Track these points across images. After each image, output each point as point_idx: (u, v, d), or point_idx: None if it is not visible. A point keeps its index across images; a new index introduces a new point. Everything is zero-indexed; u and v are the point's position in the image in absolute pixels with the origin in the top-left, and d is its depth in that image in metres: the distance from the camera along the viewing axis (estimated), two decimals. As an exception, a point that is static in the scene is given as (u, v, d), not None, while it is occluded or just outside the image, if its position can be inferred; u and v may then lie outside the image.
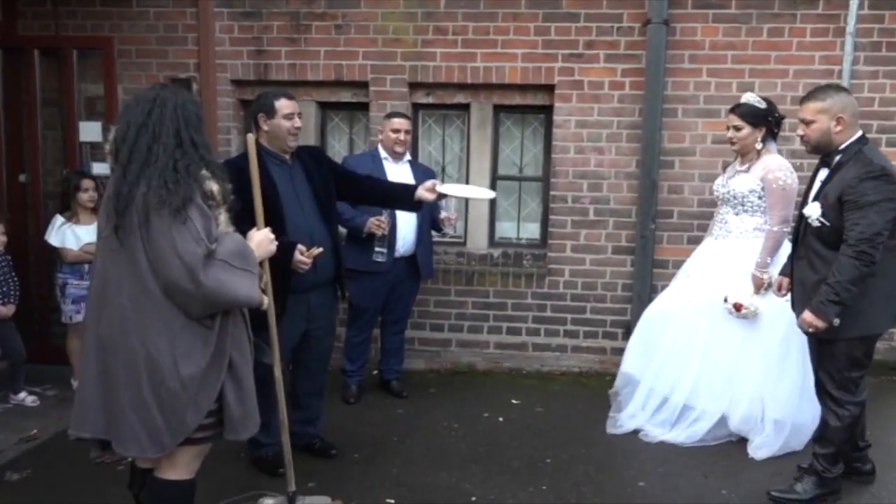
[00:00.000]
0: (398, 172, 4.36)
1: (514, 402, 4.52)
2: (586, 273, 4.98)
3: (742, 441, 3.86)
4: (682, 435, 3.90)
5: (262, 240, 2.57)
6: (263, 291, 2.54)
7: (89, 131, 5.02)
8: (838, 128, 3.11)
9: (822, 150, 3.21)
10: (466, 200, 4.91)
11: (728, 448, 3.85)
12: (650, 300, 4.84)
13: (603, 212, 4.92)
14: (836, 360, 3.14)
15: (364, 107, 5.03)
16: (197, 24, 4.96)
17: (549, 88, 4.87)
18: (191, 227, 2.20)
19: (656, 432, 3.95)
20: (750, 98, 3.88)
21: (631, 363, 4.17)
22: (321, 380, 3.69)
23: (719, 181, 4.08)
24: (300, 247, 3.24)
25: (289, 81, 4.99)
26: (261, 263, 2.60)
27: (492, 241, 5.20)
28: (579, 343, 5.05)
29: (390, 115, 4.42)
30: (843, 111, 3.10)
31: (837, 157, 3.14)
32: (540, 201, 5.17)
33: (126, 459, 3.58)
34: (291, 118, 3.40)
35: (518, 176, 5.18)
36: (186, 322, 2.27)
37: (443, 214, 4.37)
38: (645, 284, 4.84)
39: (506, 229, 5.25)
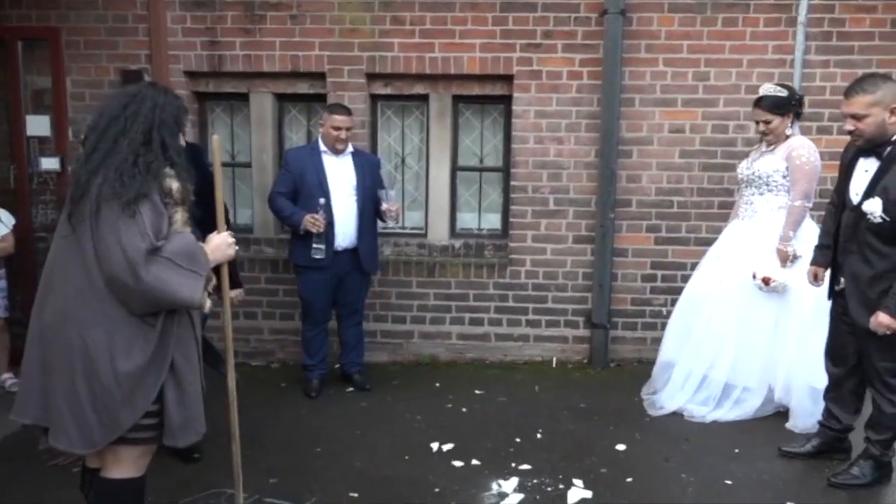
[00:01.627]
0: (338, 166, 4.33)
1: (477, 392, 4.52)
2: (547, 263, 5.00)
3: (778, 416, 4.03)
4: (730, 413, 4.02)
5: (219, 244, 2.49)
6: (212, 295, 2.45)
7: (37, 125, 4.86)
8: (893, 118, 3.06)
9: (876, 143, 3.10)
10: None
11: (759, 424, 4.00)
12: (611, 289, 4.90)
13: (563, 201, 4.93)
14: (894, 350, 3.15)
15: (322, 98, 4.96)
16: (148, 15, 4.83)
17: (508, 78, 4.86)
18: (139, 221, 2.16)
19: (701, 411, 4.05)
20: (770, 89, 3.96)
21: (668, 350, 4.28)
22: None
23: (744, 164, 4.18)
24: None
25: (244, 73, 4.91)
26: (217, 268, 2.53)
27: (453, 232, 5.18)
28: (541, 332, 5.07)
29: (332, 111, 4.31)
30: None
31: (889, 148, 3.09)
32: (500, 192, 5.17)
33: (79, 461, 3.52)
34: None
35: (478, 167, 5.17)
36: (127, 318, 2.21)
37: (384, 206, 4.35)
38: (605, 273, 4.87)
39: (467, 220, 5.24)
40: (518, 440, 3.84)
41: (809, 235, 3.88)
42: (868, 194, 3.10)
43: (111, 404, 2.20)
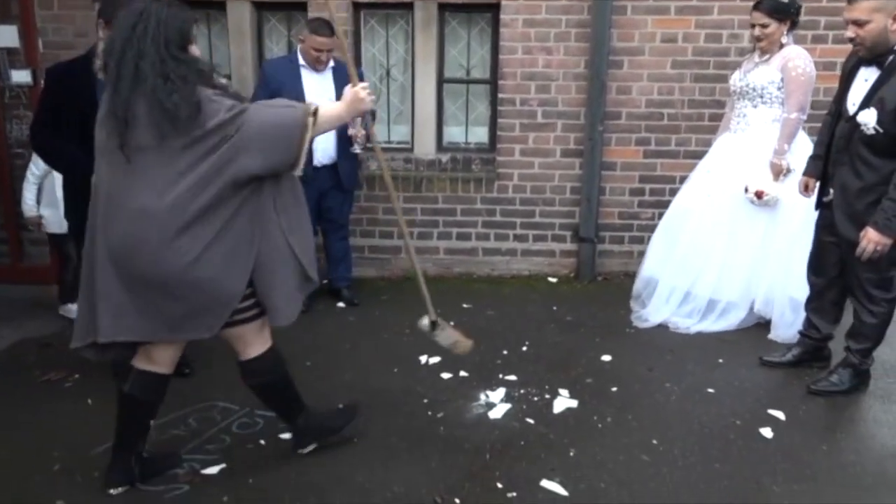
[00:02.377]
0: (318, 82, 4.21)
1: (465, 306, 4.55)
2: (535, 177, 4.95)
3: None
4: (715, 325, 4.09)
5: (353, 97, 2.54)
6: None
7: (5, 36, 4.65)
8: (895, 26, 2.96)
9: (878, 52, 3.02)
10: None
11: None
12: (599, 203, 4.88)
13: (551, 114, 4.84)
14: (878, 262, 3.14)
15: (302, 6, 4.77)
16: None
17: (496, -15, 4.68)
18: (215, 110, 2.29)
19: (686, 323, 4.11)
20: None
21: (651, 264, 4.29)
22: None
23: (736, 75, 4.07)
24: None
25: (219, -21, 4.70)
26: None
27: (440, 147, 5.10)
28: (529, 247, 5.07)
29: (314, 30, 4.09)
30: None
31: (891, 58, 3.00)
32: (488, 104, 5.06)
33: (70, 377, 3.55)
34: None
35: (465, 79, 5.04)
36: (208, 221, 2.34)
37: (351, 131, 4.26)
38: (593, 187, 4.84)
39: (454, 134, 5.15)
40: (505, 352, 3.89)
41: (803, 149, 3.84)
42: (865, 105, 3.05)
43: (211, 291, 2.41)
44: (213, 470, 2.85)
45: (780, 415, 3.25)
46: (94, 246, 2.43)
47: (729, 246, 4.03)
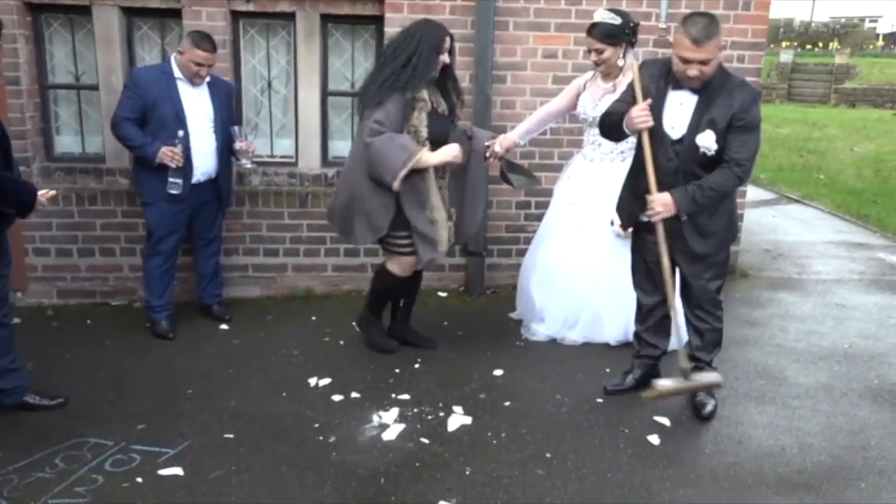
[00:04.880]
0: (195, 96, 4.06)
1: (354, 324, 4.44)
2: (423, 191, 4.91)
3: None
4: (602, 338, 4.14)
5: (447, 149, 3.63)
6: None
7: None
8: (721, 55, 3.04)
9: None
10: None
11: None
12: (487, 216, 4.91)
13: (438, 128, 4.82)
14: (723, 265, 3.31)
15: (176, 13, 4.53)
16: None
17: (380, -2, 4.63)
18: (377, 113, 3.50)
19: (574, 336, 4.17)
20: (603, 16, 3.78)
21: (537, 297, 4.26)
22: None
23: (588, 103, 4.00)
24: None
25: (84, -18, 4.40)
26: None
27: (325, 161, 4.97)
28: (418, 261, 5.02)
29: (196, 43, 3.92)
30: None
31: (711, 82, 3.04)
32: (374, 118, 4.99)
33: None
34: None
35: (350, 91, 4.94)
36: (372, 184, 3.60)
37: (238, 145, 4.14)
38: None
39: (339, 148, 5.03)
40: (397, 371, 3.83)
41: None
42: (695, 128, 3.08)
43: (366, 217, 3.65)
44: (82, 515, 2.63)
45: (665, 421, 3.35)
46: None
47: (606, 277, 4.01)
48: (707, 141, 3.06)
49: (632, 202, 3.37)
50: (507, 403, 3.50)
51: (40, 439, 3.10)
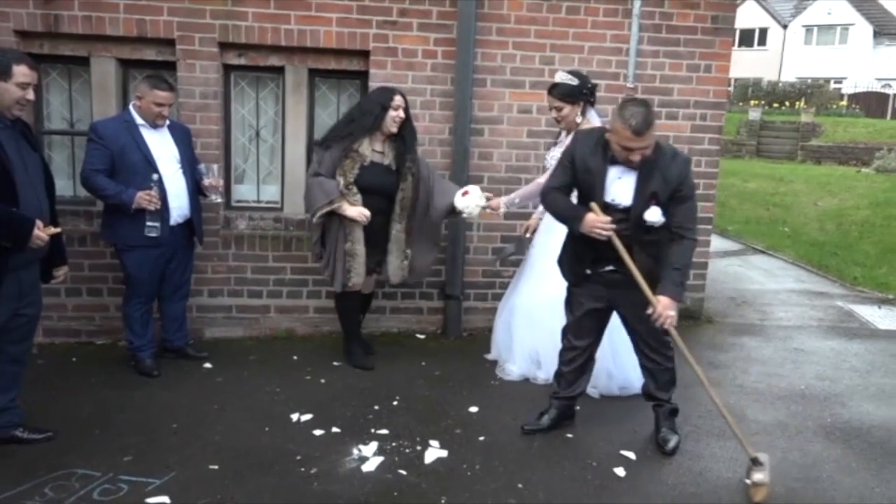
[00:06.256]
0: (159, 140, 4.19)
1: (335, 363, 4.60)
2: (403, 236, 5.12)
3: None
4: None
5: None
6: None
7: None
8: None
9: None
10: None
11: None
12: (464, 261, 5.12)
13: (418, 177, 5.06)
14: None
15: (171, 65, 4.78)
16: (-30, -34, 4.43)
17: (364, 54, 4.91)
18: (317, 155, 4.27)
19: (546, 375, 4.26)
20: (563, 77, 4.10)
21: (503, 337, 4.54)
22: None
23: (552, 153, 4.28)
24: (39, 223, 3.14)
25: (83, 35, 4.63)
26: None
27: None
28: (397, 304, 5.21)
29: (154, 85, 4.07)
30: None
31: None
32: (357, 167, 5.22)
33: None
34: (27, 88, 3.19)
35: (335, 141, 5.19)
36: None
37: (206, 181, 4.31)
38: (458, 247, 5.08)
39: (323, 194, 5.25)
40: (376, 407, 3.97)
41: None
42: (640, 203, 3.27)
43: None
44: (72, 541, 2.72)
45: (631, 455, 3.52)
46: None
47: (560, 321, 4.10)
48: (654, 216, 3.28)
49: (573, 263, 3.59)
50: (481, 438, 3.66)
51: (29, 470, 3.19)
